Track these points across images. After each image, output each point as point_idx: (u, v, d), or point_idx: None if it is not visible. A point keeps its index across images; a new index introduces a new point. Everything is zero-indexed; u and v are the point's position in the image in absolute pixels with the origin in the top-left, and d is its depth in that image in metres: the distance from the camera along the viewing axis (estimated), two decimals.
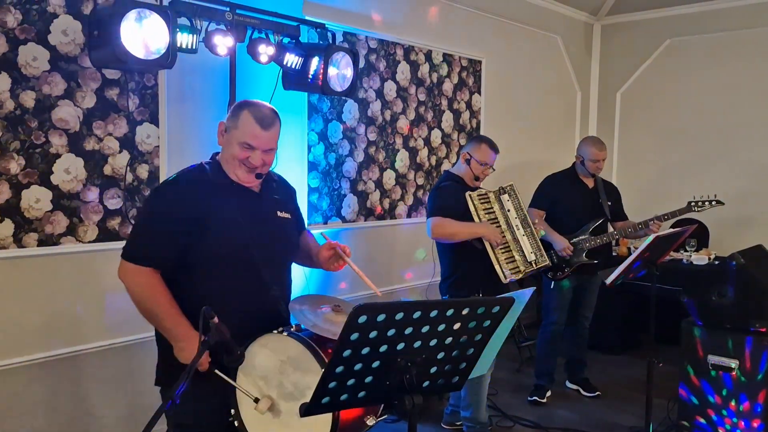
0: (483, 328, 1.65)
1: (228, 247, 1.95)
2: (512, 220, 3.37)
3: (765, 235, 5.26)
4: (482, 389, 3.47)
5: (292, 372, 1.83)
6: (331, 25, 4.01)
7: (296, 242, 2.24)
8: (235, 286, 1.95)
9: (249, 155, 1.98)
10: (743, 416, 3.14)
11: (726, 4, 5.86)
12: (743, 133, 5.82)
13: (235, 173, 2.01)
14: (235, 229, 1.96)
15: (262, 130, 1.97)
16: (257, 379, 1.86)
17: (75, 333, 3.15)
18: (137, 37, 2.67)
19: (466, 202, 3.29)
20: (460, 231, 3.27)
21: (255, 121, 1.96)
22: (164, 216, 1.96)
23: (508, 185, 3.47)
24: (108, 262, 2.94)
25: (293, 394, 1.81)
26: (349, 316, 1.38)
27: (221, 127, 2.04)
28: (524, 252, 3.34)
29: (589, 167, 4.09)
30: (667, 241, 2.98)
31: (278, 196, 2.17)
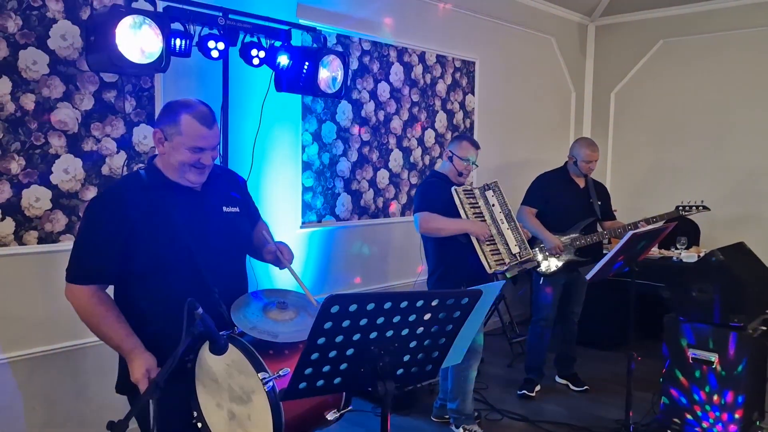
0: (453, 318, 1.73)
1: (166, 250, 1.91)
2: (497, 215, 3.46)
3: (753, 232, 5.36)
4: (468, 382, 3.56)
5: (237, 375, 1.85)
6: (324, 28, 4.12)
7: (247, 237, 2.18)
8: (174, 290, 1.88)
9: (200, 157, 1.94)
10: (726, 409, 3.22)
11: (718, 5, 5.94)
12: (735, 133, 5.90)
13: (186, 178, 1.97)
14: (171, 231, 1.92)
15: (208, 130, 1.94)
16: (211, 383, 1.89)
17: (74, 328, 3.21)
18: (132, 42, 2.76)
19: (451, 197, 3.38)
20: (447, 227, 3.37)
21: (199, 123, 1.93)
22: (96, 231, 1.92)
23: (492, 182, 3.56)
24: None
25: (241, 397, 1.84)
26: (321, 306, 1.47)
27: (158, 135, 1.96)
28: (509, 245, 3.42)
29: (582, 168, 4.17)
30: (645, 239, 3.06)
31: (220, 189, 2.11)
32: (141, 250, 1.90)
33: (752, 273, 3.49)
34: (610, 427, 3.56)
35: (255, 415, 1.83)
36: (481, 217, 3.42)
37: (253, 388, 1.81)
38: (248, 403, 1.83)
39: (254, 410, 1.83)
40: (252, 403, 1.83)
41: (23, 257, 3.06)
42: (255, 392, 1.81)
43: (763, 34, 5.73)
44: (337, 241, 4.53)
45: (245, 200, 2.21)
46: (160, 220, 1.92)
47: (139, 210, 1.91)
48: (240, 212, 2.13)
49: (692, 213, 4.10)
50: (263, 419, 1.79)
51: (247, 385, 1.82)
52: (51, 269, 3.15)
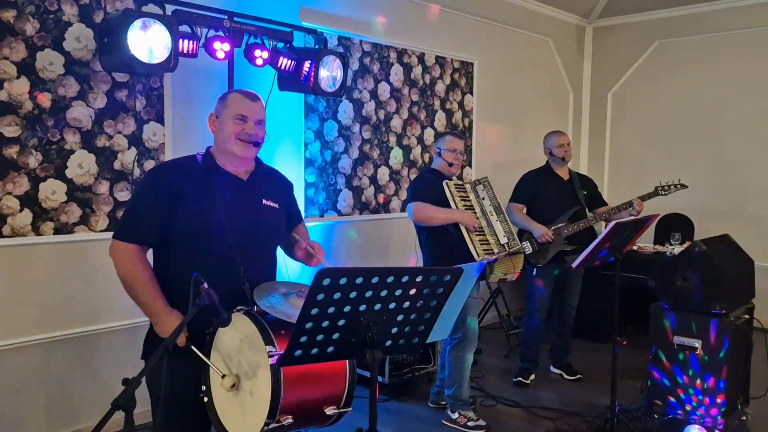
0: (437, 294, 1.88)
1: (204, 225, 2.08)
2: (486, 207, 3.60)
3: (746, 227, 5.48)
4: (465, 368, 3.70)
5: (248, 351, 1.93)
6: (326, 30, 4.29)
7: (280, 230, 2.34)
8: (205, 261, 2.03)
9: (244, 127, 2.13)
10: (708, 393, 3.36)
11: (711, 7, 6.08)
12: (729, 131, 6.04)
13: (233, 151, 2.13)
14: (212, 208, 2.08)
15: (250, 101, 2.16)
16: (224, 357, 1.99)
17: (88, 314, 3.43)
18: (143, 44, 2.95)
19: (443, 190, 3.54)
20: (438, 215, 3.53)
21: (242, 95, 2.17)
22: (147, 196, 2.13)
23: (483, 178, 3.72)
24: None
25: (248, 372, 1.93)
26: (314, 279, 1.62)
27: (212, 118, 2.20)
28: (497, 236, 3.55)
29: (558, 153, 4.33)
30: (628, 228, 3.21)
31: (267, 186, 2.27)
32: (181, 221, 2.08)
33: (736, 264, 3.62)
34: (600, 412, 3.69)
35: (257, 390, 1.91)
36: (471, 210, 3.57)
37: (259, 363, 1.90)
38: (253, 378, 1.92)
39: (257, 386, 1.91)
40: (257, 378, 1.91)
41: (40, 247, 3.25)
42: (261, 367, 1.90)
43: (755, 35, 5.86)
44: (338, 235, 4.70)
45: (288, 201, 2.38)
46: (205, 197, 2.10)
47: (188, 185, 2.10)
48: (279, 209, 2.28)
49: (671, 191, 4.24)
50: (262, 394, 1.87)
51: (254, 360, 1.91)
52: (66, 258, 3.34)
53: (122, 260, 2.09)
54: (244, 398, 1.96)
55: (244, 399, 1.96)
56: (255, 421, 1.91)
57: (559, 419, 3.77)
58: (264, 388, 1.89)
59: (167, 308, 2.08)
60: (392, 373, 4.14)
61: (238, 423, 1.98)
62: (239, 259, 2.09)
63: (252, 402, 1.93)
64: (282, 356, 1.75)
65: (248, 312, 1.99)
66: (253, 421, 1.92)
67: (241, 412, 1.97)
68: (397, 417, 3.85)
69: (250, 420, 1.93)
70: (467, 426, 3.64)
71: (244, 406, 1.95)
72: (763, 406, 3.77)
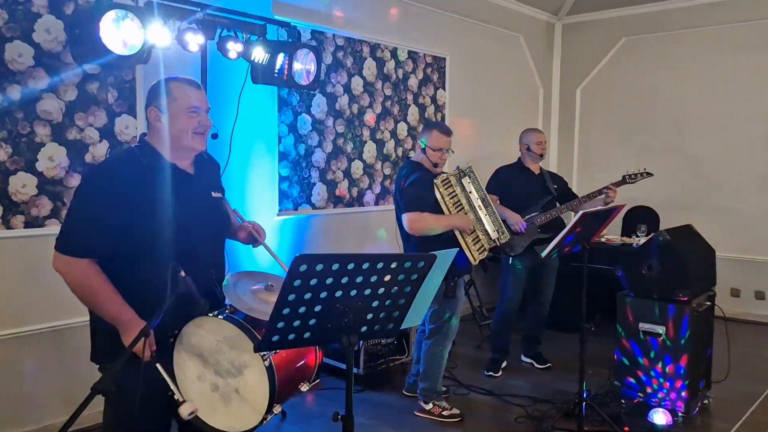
0: (411, 281, 1.93)
1: (166, 231, 1.97)
2: (474, 201, 3.52)
3: (709, 219, 5.66)
4: (442, 362, 3.75)
5: (228, 351, 1.96)
6: (299, 24, 4.30)
7: (229, 220, 2.29)
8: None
9: (198, 119, 2.03)
10: (668, 377, 3.48)
11: (677, 5, 6.24)
12: (693, 126, 6.21)
13: (192, 147, 2.05)
14: (172, 214, 1.98)
15: (198, 90, 2.05)
16: (194, 356, 2.01)
17: (59, 308, 3.39)
18: (115, 35, 2.92)
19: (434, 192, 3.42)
20: (436, 226, 3.42)
21: (188, 85, 2.04)
22: (94, 205, 1.93)
23: (466, 167, 3.55)
24: None
25: (230, 371, 1.98)
26: (291, 264, 1.65)
27: (153, 113, 2.03)
28: (488, 231, 3.54)
29: (536, 149, 4.44)
30: (596, 218, 3.30)
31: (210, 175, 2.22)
32: (137, 228, 1.94)
33: (698, 252, 3.75)
34: (569, 398, 3.79)
35: (245, 387, 1.98)
36: (459, 206, 3.48)
37: (246, 363, 1.97)
38: (238, 376, 1.98)
39: (244, 383, 1.98)
40: (243, 377, 1.98)
41: (10, 240, 3.21)
42: (248, 367, 1.97)
43: (718, 32, 6.04)
44: (312, 228, 4.73)
45: (221, 184, 2.32)
46: (157, 200, 1.98)
47: (136, 188, 1.95)
48: (222, 197, 2.25)
49: (638, 179, 4.37)
50: (255, 391, 1.97)
51: (239, 360, 1.97)
52: (37, 252, 3.30)
53: (78, 278, 1.93)
54: (228, 396, 2.01)
55: (228, 397, 2.01)
56: (248, 416, 1.99)
57: (530, 406, 3.86)
58: (255, 385, 1.98)
59: (136, 318, 1.95)
60: (367, 364, 4.19)
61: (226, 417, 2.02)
62: (205, 260, 2.06)
63: (240, 399, 2.00)
64: (260, 342, 1.79)
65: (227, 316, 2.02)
66: (245, 416, 2.00)
67: (225, 408, 2.02)
68: (372, 407, 3.91)
69: (240, 415, 2.00)
70: (442, 415, 3.71)
71: (229, 403, 2.01)
72: (723, 391, 3.91)
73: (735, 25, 5.94)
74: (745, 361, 4.49)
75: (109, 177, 1.98)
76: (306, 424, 3.63)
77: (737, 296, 5.97)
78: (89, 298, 1.97)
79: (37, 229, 3.29)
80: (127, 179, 1.96)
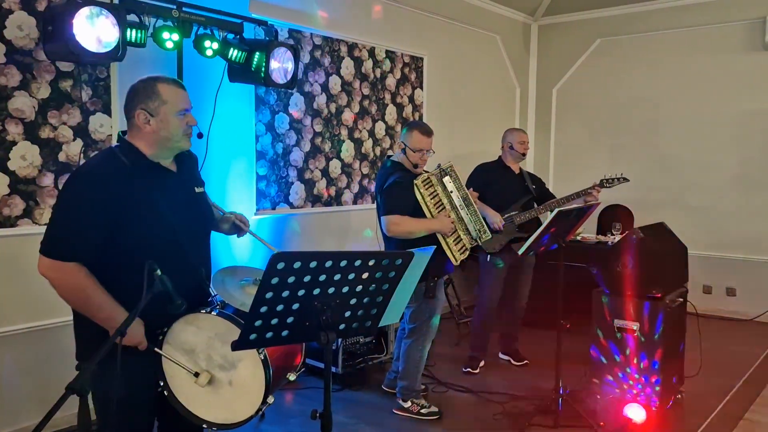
0: (389, 278, 1.94)
1: (154, 231, 1.98)
2: (455, 201, 3.53)
3: (681, 217, 5.77)
4: (421, 361, 3.77)
5: (221, 346, 2.01)
6: (276, 23, 4.29)
7: (212, 214, 2.32)
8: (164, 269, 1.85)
9: (187, 120, 2.07)
10: (643, 372, 3.54)
11: (651, 7, 6.34)
12: (666, 126, 6.32)
13: (181, 147, 2.08)
14: (159, 213, 1.99)
15: (184, 91, 2.08)
16: (183, 353, 2.05)
17: (32, 310, 3.35)
18: (89, 32, 2.89)
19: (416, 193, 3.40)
20: (417, 229, 3.42)
21: (176, 86, 2.06)
22: (81, 209, 1.93)
23: (447, 166, 3.56)
24: None
25: (223, 365, 2.04)
26: (268, 262, 1.65)
27: (142, 116, 2.01)
28: (469, 230, 3.56)
29: (519, 149, 4.49)
30: (571, 216, 3.35)
31: (191, 171, 2.24)
32: (126, 230, 1.95)
33: (671, 250, 3.82)
34: (545, 395, 3.83)
35: (238, 380, 2.04)
36: (440, 206, 3.47)
37: (240, 357, 2.02)
38: (230, 370, 2.04)
39: (237, 376, 2.04)
40: (236, 370, 2.04)
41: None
42: (242, 360, 2.03)
43: (690, 34, 6.15)
44: (291, 228, 4.71)
45: (201, 177, 2.34)
46: (144, 201, 1.98)
47: (121, 189, 1.95)
48: (204, 192, 2.27)
49: (614, 184, 4.44)
50: (248, 383, 2.03)
51: (231, 354, 2.01)
52: (10, 252, 3.25)
53: (68, 282, 1.92)
54: (220, 389, 2.06)
55: (221, 390, 2.06)
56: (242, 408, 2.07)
57: (507, 402, 3.90)
58: (248, 378, 2.04)
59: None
60: (345, 363, 4.20)
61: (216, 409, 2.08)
62: (192, 256, 2.08)
63: (233, 391, 2.06)
64: (237, 341, 1.78)
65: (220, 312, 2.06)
66: (239, 408, 2.07)
67: (217, 400, 2.07)
68: (350, 405, 3.91)
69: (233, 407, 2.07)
70: (420, 413, 3.72)
71: (221, 395, 2.06)
72: (695, 385, 3.99)
73: (706, 27, 6.05)
74: (716, 356, 4.58)
75: (94, 180, 1.97)
76: (285, 423, 3.62)
77: (709, 293, 6.09)
78: (80, 302, 1.97)
79: (9, 229, 3.23)
80: (112, 181, 1.95)
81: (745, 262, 5.94)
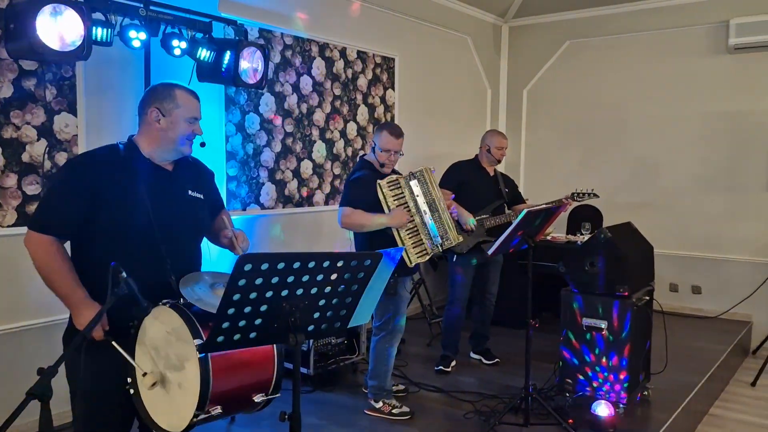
0: (358, 279, 1.94)
1: (129, 218, 2.08)
2: (420, 205, 3.55)
3: (648, 216, 5.87)
4: (388, 360, 3.76)
5: (175, 343, 1.95)
6: (246, 22, 4.25)
7: (205, 221, 2.36)
8: (130, 254, 2.03)
9: (194, 128, 2.21)
10: (613, 370, 3.59)
11: (619, 9, 6.45)
12: (633, 127, 6.44)
13: (182, 151, 2.21)
14: (138, 204, 2.09)
15: (198, 102, 2.23)
16: (150, 350, 1.99)
17: (7, 309, 3.27)
18: (53, 30, 2.83)
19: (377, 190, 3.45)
20: (367, 223, 3.48)
21: (192, 96, 2.21)
22: (63, 190, 2.10)
23: (417, 171, 3.61)
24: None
25: (176, 365, 1.95)
26: (235, 264, 1.64)
27: (154, 113, 2.15)
28: (431, 236, 3.57)
29: (495, 154, 4.52)
30: (540, 217, 3.39)
31: (190, 175, 2.30)
32: (104, 214, 2.06)
33: (638, 248, 3.89)
34: (515, 393, 3.87)
35: (185, 382, 1.93)
36: (406, 207, 3.50)
37: (187, 356, 1.92)
38: (181, 370, 1.93)
39: (185, 378, 1.92)
40: (184, 370, 1.93)
41: None
42: (189, 359, 1.91)
43: (657, 37, 6.27)
44: (261, 229, 4.68)
45: (210, 189, 2.42)
46: (129, 190, 2.09)
47: (110, 177, 2.08)
48: (203, 199, 2.32)
49: (585, 199, 4.52)
50: (192, 386, 1.89)
51: (183, 352, 1.93)
52: None
53: (37, 251, 2.06)
54: (172, 391, 1.96)
55: (172, 391, 1.96)
56: (184, 413, 1.92)
57: (478, 402, 3.92)
58: (193, 379, 1.90)
59: (87, 300, 2.06)
60: (317, 364, 4.18)
61: (167, 415, 1.98)
62: (165, 251, 2.11)
63: (181, 394, 1.93)
64: (204, 343, 1.77)
65: (174, 305, 2.00)
66: (182, 413, 1.93)
67: (169, 404, 1.97)
68: (322, 407, 3.90)
69: (179, 412, 1.94)
70: (392, 413, 3.73)
71: (173, 399, 1.96)
72: (662, 382, 4.06)
73: (672, 30, 6.18)
74: (682, 352, 4.68)
75: (84, 162, 2.17)
76: (256, 426, 3.59)
77: (675, 291, 6.22)
78: (45, 274, 2.06)
79: None
80: (101, 167, 2.09)
81: (710, 260, 6.07)
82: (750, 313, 5.85)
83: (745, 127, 5.88)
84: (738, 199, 5.94)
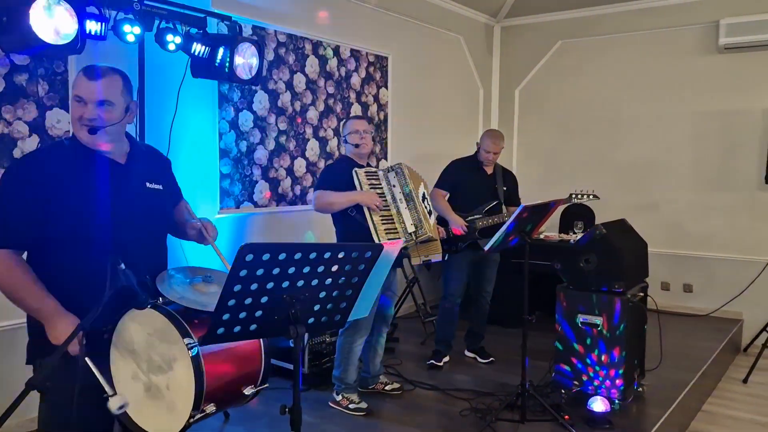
0: (358, 271, 1.93)
1: (87, 220, 1.95)
2: (396, 195, 3.63)
3: (640, 216, 5.89)
4: (353, 354, 3.75)
5: (159, 344, 1.89)
6: (240, 19, 4.22)
7: (168, 213, 2.26)
8: (96, 260, 1.87)
9: (83, 111, 1.97)
10: (608, 366, 3.60)
11: (611, 9, 6.48)
12: (625, 127, 6.47)
13: (78, 136, 2.01)
14: (95, 202, 1.96)
15: (89, 81, 1.96)
16: (128, 353, 1.93)
17: None
18: (47, 24, 2.79)
19: (352, 178, 3.55)
20: (338, 200, 3.53)
21: (83, 74, 1.98)
22: (14, 195, 1.91)
23: (396, 165, 3.73)
24: None
25: (161, 366, 1.89)
26: (237, 253, 1.62)
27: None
28: (405, 224, 3.60)
29: (482, 156, 4.52)
30: (535, 212, 3.39)
31: (146, 166, 2.17)
32: (60, 217, 1.92)
33: (632, 245, 3.90)
34: (511, 390, 3.86)
35: (174, 383, 1.88)
36: (383, 197, 3.59)
37: (175, 356, 1.87)
38: (168, 372, 1.88)
39: (173, 379, 1.88)
40: (172, 371, 1.88)
41: None
42: (177, 360, 1.87)
43: (648, 37, 6.31)
44: (255, 227, 4.65)
45: (169, 179, 2.28)
46: (82, 189, 1.96)
47: (60, 177, 1.93)
48: (163, 190, 2.19)
49: (583, 200, 4.52)
50: (183, 386, 1.86)
51: (168, 353, 1.88)
52: None
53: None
54: (158, 394, 1.91)
55: (158, 394, 1.91)
56: (177, 415, 1.89)
57: (474, 399, 3.91)
58: (184, 380, 1.87)
59: (59, 310, 1.92)
60: (311, 363, 4.16)
61: (156, 418, 1.93)
62: (133, 252, 1.97)
63: (170, 396, 1.89)
64: (204, 335, 1.74)
65: (155, 305, 1.94)
66: (175, 415, 1.89)
67: (157, 408, 1.92)
68: (317, 405, 3.87)
69: (171, 415, 1.90)
70: (348, 408, 3.74)
71: (160, 402, 1.91)
72: (656, 378, 4.08)
73: (663, 30, 6.22)
74: (675, 350, 4.69)
75: (29, 167, 1.97)
76: (251, 424, 3.56)
77: (667, 290, 6.25)
78: (9, 291, 1.92)
79: None
80: (49, 168, 1.94)
81: (701, 259, 6.11)
82: (741, 310, 5.88)
83: (736, 127, 5.92)
84: (729, 197, 5.98)
